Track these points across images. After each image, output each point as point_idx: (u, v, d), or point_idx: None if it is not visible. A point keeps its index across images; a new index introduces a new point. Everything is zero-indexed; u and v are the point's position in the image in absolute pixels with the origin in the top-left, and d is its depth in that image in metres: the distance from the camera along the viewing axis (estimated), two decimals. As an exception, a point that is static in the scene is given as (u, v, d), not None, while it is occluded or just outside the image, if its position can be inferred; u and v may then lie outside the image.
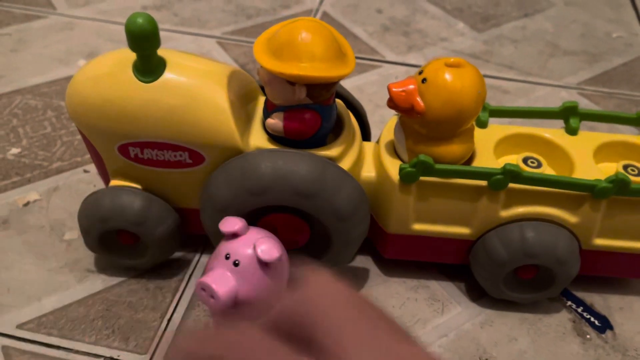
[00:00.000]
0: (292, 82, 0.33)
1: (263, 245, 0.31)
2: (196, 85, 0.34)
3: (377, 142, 0.39)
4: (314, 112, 0.34)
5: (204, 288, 0.31)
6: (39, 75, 0.59)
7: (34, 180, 0.47)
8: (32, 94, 0.57)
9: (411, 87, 0.34)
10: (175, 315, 0.38)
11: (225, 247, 0.32)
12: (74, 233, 0.43)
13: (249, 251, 0.32)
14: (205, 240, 0.42)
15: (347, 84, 0.60)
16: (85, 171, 0.48)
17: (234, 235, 0.33)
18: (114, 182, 0.38)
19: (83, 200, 0.38)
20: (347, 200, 0.34)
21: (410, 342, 0.17)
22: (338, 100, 0.39)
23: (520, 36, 0.70)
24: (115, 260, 0.40)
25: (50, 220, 0.44)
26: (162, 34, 0.70)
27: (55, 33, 0.66)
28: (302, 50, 0.32)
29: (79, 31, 0.67)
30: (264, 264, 0.32)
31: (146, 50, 0.32)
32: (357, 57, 0.65)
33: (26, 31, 0.66)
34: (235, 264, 0.32)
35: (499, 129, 0.39)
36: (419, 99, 0.33)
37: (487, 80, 0.62)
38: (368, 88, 0.60)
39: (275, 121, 0.34)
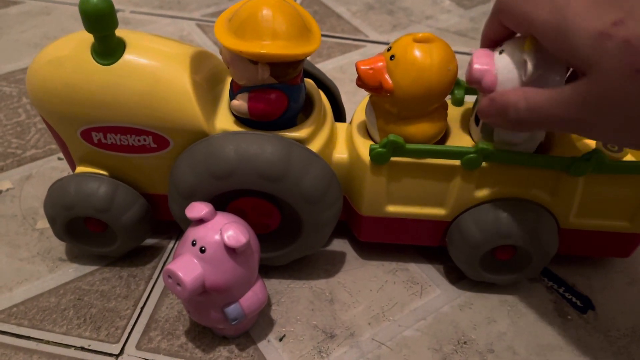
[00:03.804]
0: (254, 61, 0.31)
1: (230, 230, 0.31)
2: (157, 67, 0.33)
3: (350, 122, 0.38)
4: (279, 93, 0.33)
5: (170, 275, 0.31)
6: (14, 61, 0.58)
7: (6, 169, 0.47)
8: (7, 81, 0.56)
9: (379, 64, 0.33)
10: (148, 303, 0.38)
11: (191, 233, 0.32)
12: (46, 222, 0.42)
13: (216, 237, 0.31)
14: (180, 227, 0.41)
15: (328, 65, 0.59)
16: (60, 158, 0.48)
17: (201, 221, 0.32)
18: (79, 169, 0.37)
19: (48, 188, 0.37)
20: (315, 183, 0.33)
21: None
22: (309, 80, 0.38)
23: (507, 12, 0.69)
24: (85, 249, 0.39)
25: (22, 209, 0.43)
26: (141, 17, 0.69)
27: (32, 18, 0.65)
28: (264, 28, 0.31)
29: (56, 15, 0.66)
30: (231, 250, 0.31)
31: (103, 32, 0.31)
32: (340, 37, 0.64)
33: (2, 17, 0.65)
34: (202, 251, 0.31)
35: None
36: (387, 76, 0.32)
37: (472, 58, 0.61)
38: (350, 68, 0.59)
39: (240, 102, 0.33)
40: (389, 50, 0.33)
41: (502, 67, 0.32)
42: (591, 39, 0.25)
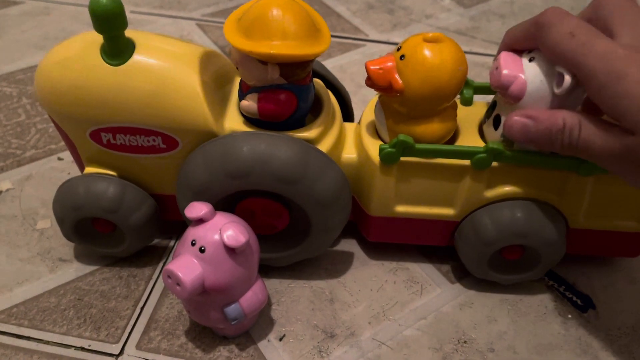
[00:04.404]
0: (264, 61, 0.31)
1: (229, 230, 0.31)
2: (167, 68, 0.33)
3: (359, 122, 0.38)
4: (289, 93, 0.33)
5: (169, 275, 0.31)
6: (14, 62, 0.58)
7: (6, 169, 0.47)
8: (7, 82, 0.56)
9: (389, 64, 0.32)
10: (148, 303, 0.38)
11: (191, 233, 0.32)
12: (46, 222, 0.42)
13: (215, 237, 0.31)
14: (180, 227, 0.41)
15: (329, 64, 0.59)
16: (60, 159, 0.48)
17: (200, 221, 0.32)
18: (88, 170, 0.37)
19: (57, 188, 0.37)
20: (329, 187, 0.33)
21: None
22: (317, 80, 0.38)
23: (507, 11, 0.69)
24: (93, 249, 0.39)
25: (22, 209, 0.43)
26: (141, 17, 0.69)
27: (32, 18, 0.65)
28: (273, 28, 0.30)
29: (56, 16, 0.66)
30: (230, 250, 0.31)
31: (112, 32, 0.31)
32: (340, 37, 0.64)
33: (2, 17, 0.65)
34: (202, 250, 0.31)
35: (484, 106, 0.38)
36: (397, 76, 0.32)
37: (474, 57, 0.61)
38: (351, 67, 0.59)
39: (250, 103, 0.33)
40: (398, 50, 0.33)
41: (534, 76, 0.31)
42: None
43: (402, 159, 0.34)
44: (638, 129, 0.27)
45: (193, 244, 0.31)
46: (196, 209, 0.32)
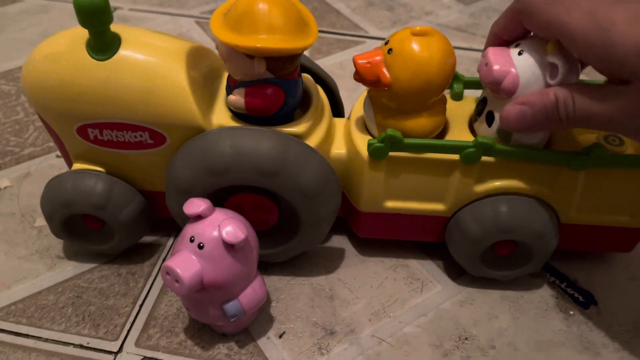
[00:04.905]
0: (250, 55, 0.31)
1: (228, 226, 0.30)
2: (153, 63, 0.32)
3: (348, 117, 0.38)
4: (276, 87, 0.33)
5: (168, 272, 0.30)
6: (13, 60, 0.58)
7: (5, 167, 0.46)
8: (6, 79, 0.56)
9: (377, 58, 0.32)
10: (147, 300, 0.37)
11: (189, 229, 0.31)
12: (44, 219, 0.42)
13: (214, 233, 0.31)
14: (177, 224, 0.41)
15: (327, 61, 0.59)
16: (58, 156, 0.47)
17: (199, 217, 0.31)
18: (76, 166, 0.37)
19: (45, 185, 0.37)
20: (312, 177, 0.33)
21: None
22: (306, 75, 0.38)
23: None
24: (83, 246, 0.39)
25: (21, 207, 0.43)
26: (140, 14, 0.68)
27: (30, 16, 0.65)
28: (260, 22, 0.30)
29: (55, 14, 0.65)
30: (229, 246, 0.31)
31: (97, 27, 0.31)
32: (339, 33, 0.63)
33: (1, 15, 0.65)
34: (200, 247, 0.31)
35: (474, 101, 0.38)
36: (385, 70, 0.32)
37: (473, 54, 0.61)
38: (350, 65, 0.59)
39: (237, 97, 0.33)
40: (386, 44, 0.32)
41: (525, 69, 0.31)
42: (637, 50, 0.26)
43: (390, 153, 0.34)
44: (633, 75, 0.26)
45: (192, 241, 0.31)
46: (195, 205, 0.31)
